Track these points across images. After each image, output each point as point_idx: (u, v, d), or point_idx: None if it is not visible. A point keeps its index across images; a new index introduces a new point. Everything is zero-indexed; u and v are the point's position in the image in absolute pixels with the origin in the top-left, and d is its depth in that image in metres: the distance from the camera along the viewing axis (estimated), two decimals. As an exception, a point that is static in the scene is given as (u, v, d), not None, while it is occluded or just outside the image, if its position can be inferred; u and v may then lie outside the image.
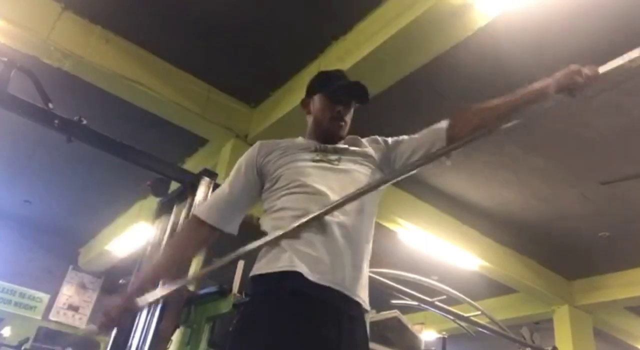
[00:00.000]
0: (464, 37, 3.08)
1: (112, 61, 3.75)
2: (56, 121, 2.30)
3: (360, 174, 1.52)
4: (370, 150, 1.60)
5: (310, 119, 1.65)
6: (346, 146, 1.59)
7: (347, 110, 1.61)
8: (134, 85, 3.84)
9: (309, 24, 3.58)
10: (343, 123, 1.60)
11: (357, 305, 1.36)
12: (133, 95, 3.97)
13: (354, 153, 1.57)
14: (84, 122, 2.38)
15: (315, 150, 1.54)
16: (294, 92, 3.90)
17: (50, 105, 2.34)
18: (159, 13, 3.63)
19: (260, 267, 1.36)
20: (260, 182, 1.57)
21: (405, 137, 1.66)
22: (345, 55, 3.47)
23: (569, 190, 4.84)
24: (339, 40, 3.60)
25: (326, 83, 1.64)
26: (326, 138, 1.58)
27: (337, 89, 1.60)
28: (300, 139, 1.62)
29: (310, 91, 1.67)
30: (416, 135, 1.66)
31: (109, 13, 3.68)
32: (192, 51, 3.93)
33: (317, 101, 1.62)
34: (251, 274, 1.39)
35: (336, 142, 1.59)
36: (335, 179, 1.46)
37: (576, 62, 1.40)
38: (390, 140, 1.66)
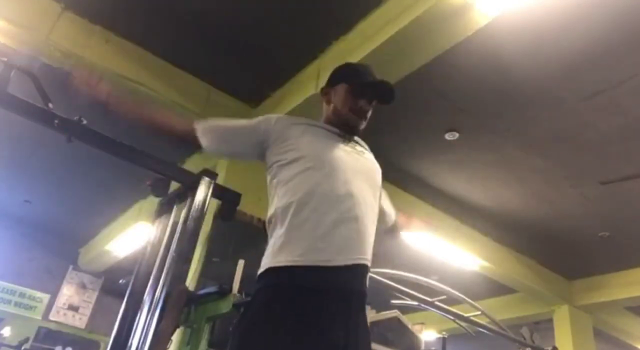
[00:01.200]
0: (464, 37, 3.08)
1: (112, 61, 3.75)
2: (56, 121, 2.30)
3: (375, 171, 1.61)
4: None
5: (328, 109, 1.63)
6: (362, 143, 1.64)
7: (368, 106, 1.61)
8: (134, 85, 3.84)
9: (309, 24, 3.58)
10: (363, 118, 1.60)
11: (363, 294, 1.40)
12: (133, 95, 3.97)
13: (366, 150, 1.64)
14: (84, 122, 2.37)
15: (344, 139, 1.56)
16: (294, 92, 3.90)
17: (50, 105, 2.34)
18: (159, 13, 3.63)
19: (292, 259, 1.32)
20: (261, 146, 1.54)
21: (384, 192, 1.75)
22: (345, 55, 3.47)
23: (569, 190, 4.84)
24: (339, 40, 3.60)
25: (353, 75, 1.63)
26: (344, 129, 1.58)
27: (365, 83, 1.60)
28: (321, 123, 1.60)
29: (334, 80, 1.65)
30: (385, 202, 1.82)
31: (109, 13, 3.68)
32: (192, 51, 3.93)
33: (339, 91, 1.61)
34: (282, 264, 1.32)
35: (356, 134, 1.61)
36: (362, 169, 1.52)
37: (576, 62, 1.43)
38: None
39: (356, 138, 1.62)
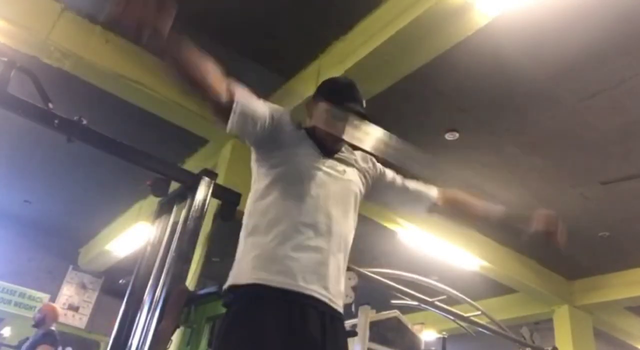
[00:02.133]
0: (464, 37, 3.08)
1: (112, 61, 3.75)
2: (56, 121, 2.30)
3: (357, 185, 1.58)
4: (365, 165, 1.66)
5: (310, 122, 1.62)
6: (347, 156, 1.61)
7: (348, 126, 1.57)
8: (134, 85, 3.83)
9: (309, 24, 3.58)
10: (340, 140, 1.58)
11: (338, 314, 1.42)
12: (133, 95, 3.97)
13: (352, 163, 1.61)
14: (84, 122, 2.38)
15: (326, 158, 1.54)
16: (294, 93, 3.90)
17: (50, 105, 2.34)
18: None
19: (256, 277, 1.35)
20: (265, 133, 1.52)
21: (396, 176, 1.75)
22: (345, 55, 3.47)
23: (569, 190, 4.84)
24: (339, 40, 3.60)
25: (334, 94, 1.60)
26: (324, 147, 1.57)
27: (342, 109, 1.56)
28: (308, 136, 1.58)
29: (317, 96, 1.63)
30: (407, 185, 1.76)
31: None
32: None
33: (320, 109, 1.59)
34: (243, 282, 1.36)
35: (335, 153, 1.58)
36: (340, 190, 1.51)
37: (576, 62, 1.43)
38: (386, 171, 1.73)
39: (340, 154, 1.60)
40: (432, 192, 1.78)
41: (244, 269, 1.39)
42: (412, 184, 1.77)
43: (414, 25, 2.98)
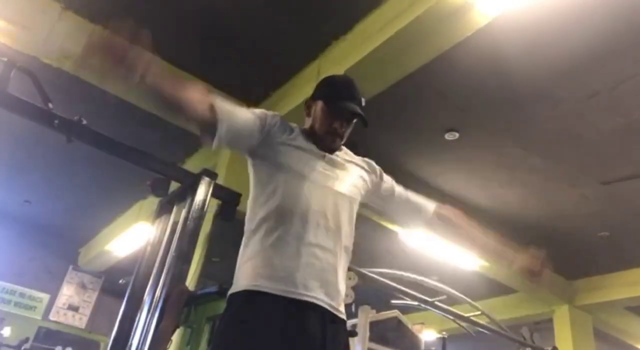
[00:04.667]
0: (464, 37, 3.08)
1: (112, 61, 3.75)
2: (56, 121, 2.30)
3: (356, 188, 1.58)
4: (365, 173, 1.65)
5: (308, 121, 1.62)
6: (345, 159, 1.61)
7: (346, 125, 1.58)
8: (134, 85, 3.83)
9: (309, 24, 3.58)
10: (338, 139, 1.58)
11: (339, 317, 1.42)
12: (133, 95, 3.97)
13: (351, 166, 1.61)
14: (84, 122, 2.37)
15: (324, 159, 1.54)
16: (294, 93, 3.90)
17: (50, 105, 2.34)
18: (159, 13, 3.63)
19: (255, 284, 1.36)
20: (255, 143, 1.51)
21: (396, 186, 1.74)
22: (345, 55, 3.47)
23: (569, 190, 4.84)
24: (339, 40, 3.60)
25: (332, 93, 1.59)
26: (322, 147, 1.57)
27: (339, 107, 1.56)
28: (305, 137, 1.58)
29: (315, 95, 1.63)
30: (407, 195, 1.76)
31: (109, 13, 3.68)
32: (192, 51, 3.93)
33: (318, 108, 1.58)
34: (242, 288, 1.37)
35: (332, 153, 1.58)
36: (339, 194, 1.50)
37: (576, 62, 1.43)
38: (385, 177, 1.72)
39: (339, 157, 1.59)
40: (431, 206, 1.78)
41: (244, 275, 1.39)
42: (412, 195, 1.77)
43: (414, 25, 2.98)
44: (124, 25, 1.18)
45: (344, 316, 1.44)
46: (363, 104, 1.60)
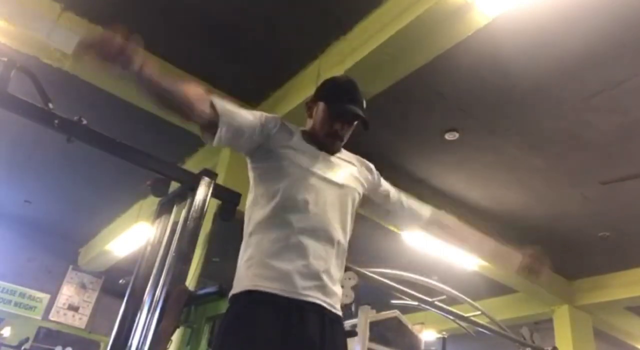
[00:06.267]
0: (464, 37, 3.08)
1: (112, 61, 3.75)
2: (56, 121, 2.30)
3: (354, 190, 1.58)
4: (363, 174, 1.65)
5: (309, 123, 1.62)
6: (344, 159, 1.61)
7: (347, 127, 1.58)
8: (134, 85, 3.83)
9: (309, 24, 3.58)
10: (339, 141, 1.58)
11: (337, 315, 1.43)
12: (133, 95, 3.97)
13: (349, 166, 1.61)
14: (84, 122, 2.37)
15: (323, 161, 1.54)
16: (294, 93, 3.90)
17: (50, 105, 2.34)
18: (159, 13, 3.63)
19: (260, 284, 1.36)
20: (254, 143, 1.51)
21: (392, 189, 1.74)
22: (345, 55, 3.47)
23: (569, 190, 4.84)
24: (339, 40, 3.60)
25: (333, 95, 1.59)
26: (322, 148, 1.57)
27: (340, 109, 1.56)
28: (305, 138, 1.58)
29: (317, 96, 1.63)
30: (402, 200, 1.75)
31: (109, 13, 3.68)
32: (192, 51, 3.93)
33: (320, 109, 1.58)
34: (242, 289, 1.38)
35: (332, 155, 1.59)
36: (337, 196, 1.51)
37: (576, 62, 1.44)
38: (382, 181, 1.72)
39: (339, 158, 1.60)
40: (426, 211, 1.78)
41: (243, 276, 1.40)
42: (407, 200, 1.76)
43: (414, 25, 2.98)
44: (116, 28, 1.20)
45: (340, 313, 1.44)
46: (364, 106, 1.60)
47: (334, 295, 1.42)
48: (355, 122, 1.60)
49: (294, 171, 1.48)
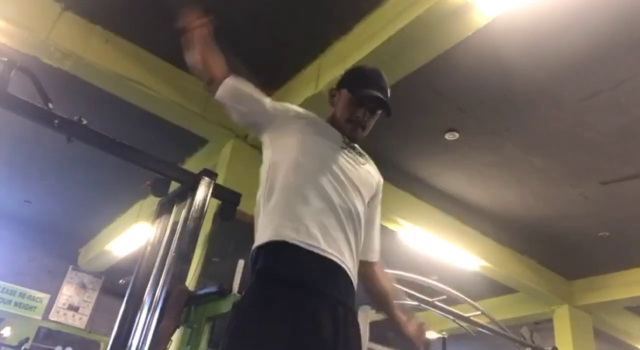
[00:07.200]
0: (464, 37, 3.08)
1: (112, 61, 3.75)
2: (56, 121, 2.30)
3: (373, 178, 1.59)
4: (375, 175, 1.64)
5: (332, 110, 1.62)
6: (363, 155, 1.62)
7: (370, 115, 1.58)
8: (134, 85, 3.83)
9: (309, 24, 3.58)
10: (360, 128, 1.58)
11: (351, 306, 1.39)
12: (133, 95, 3.97)
13: (367, 160, 1.62)
14: (84, 122, 2.38)
15: (345, 145, 1.54)
16: (294, 92, 3.90)
17: (50, 105, 2.35)
18: (159, 13, 3.63)
19: (289, 235, 1.31)
20: (265, 124, 1.56)
21: (379, 209, 1.71)
22: (345, 55, 3.47)
23: (569, 190, 4.84)
24: (339, 40, 3.60)
25: (357, 83, 1.59)
26: (343, 134, 1.57)
27: (364, 96, 1.56)
28: (325, 125, 1.59)
29: (341, 83, 1.63)
30: (375, 225, 1.72)
31: (108, 13, 3.68)
32: (192, 51, 3.93)
33: (342, 97, 1.59)
34: (277, 238, 1.32)
35: (354, 142, 1.59)
36: (359, 176, 1.51)
37: (576, 62, 1.44)
38: (379, 194, 1.69)
39: (357, 147, 1.60)
40: (372, 254, 1.68)
41: (268, 230, 1.36)
42: (378, 229, 1.71)
43: (414, 25, 2.98)
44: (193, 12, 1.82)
45: (353, 303, 1.40)
46: (388, 94, 1.60)
47: (353, 269, 1.42)
48: (379, 112, 1.59)
49: (318, 146, 1.49)
